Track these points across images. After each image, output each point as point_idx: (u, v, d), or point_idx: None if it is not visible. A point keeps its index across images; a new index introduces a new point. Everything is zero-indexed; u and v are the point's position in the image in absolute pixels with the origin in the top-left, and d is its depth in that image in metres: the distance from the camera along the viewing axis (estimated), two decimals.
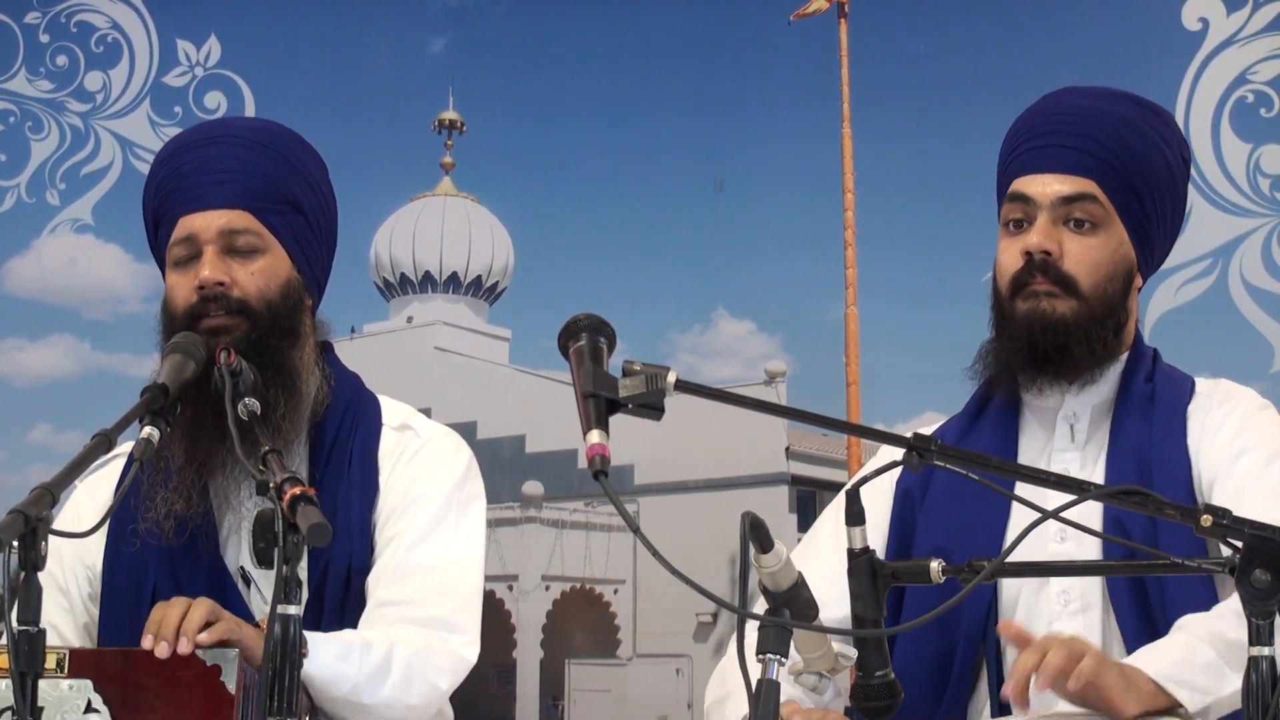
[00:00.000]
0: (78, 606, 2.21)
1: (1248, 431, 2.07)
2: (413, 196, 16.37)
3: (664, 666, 16.25)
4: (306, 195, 2.24)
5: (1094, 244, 2.12)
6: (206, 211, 2.16)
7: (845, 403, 12.48)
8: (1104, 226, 2.13)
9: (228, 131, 2.26)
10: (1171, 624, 1.91)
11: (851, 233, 11.74)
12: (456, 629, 2.13)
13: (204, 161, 2.19)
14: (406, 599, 2.11)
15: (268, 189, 2.19)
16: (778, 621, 1.50)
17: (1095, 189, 2.12)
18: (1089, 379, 2.14)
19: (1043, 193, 2.12)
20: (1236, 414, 2.10)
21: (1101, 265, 2.12)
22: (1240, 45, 5.78)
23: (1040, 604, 2.07)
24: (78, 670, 1.79)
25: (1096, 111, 2.17)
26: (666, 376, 1.48)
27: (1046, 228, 2.11)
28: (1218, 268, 5.72)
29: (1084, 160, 2.13)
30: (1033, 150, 2.17)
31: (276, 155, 2.22)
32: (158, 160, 2.28)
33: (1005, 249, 2.16)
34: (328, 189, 2.32)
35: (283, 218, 2.19)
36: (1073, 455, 2.15)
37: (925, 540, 2.13)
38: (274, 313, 2.15)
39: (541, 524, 17.55)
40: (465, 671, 2.14)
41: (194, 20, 6.60)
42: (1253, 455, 2.04)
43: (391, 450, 2.24)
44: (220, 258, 2.14)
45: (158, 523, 2.11)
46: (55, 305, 8.37)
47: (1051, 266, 2.10)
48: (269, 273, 2.16)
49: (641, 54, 9.94)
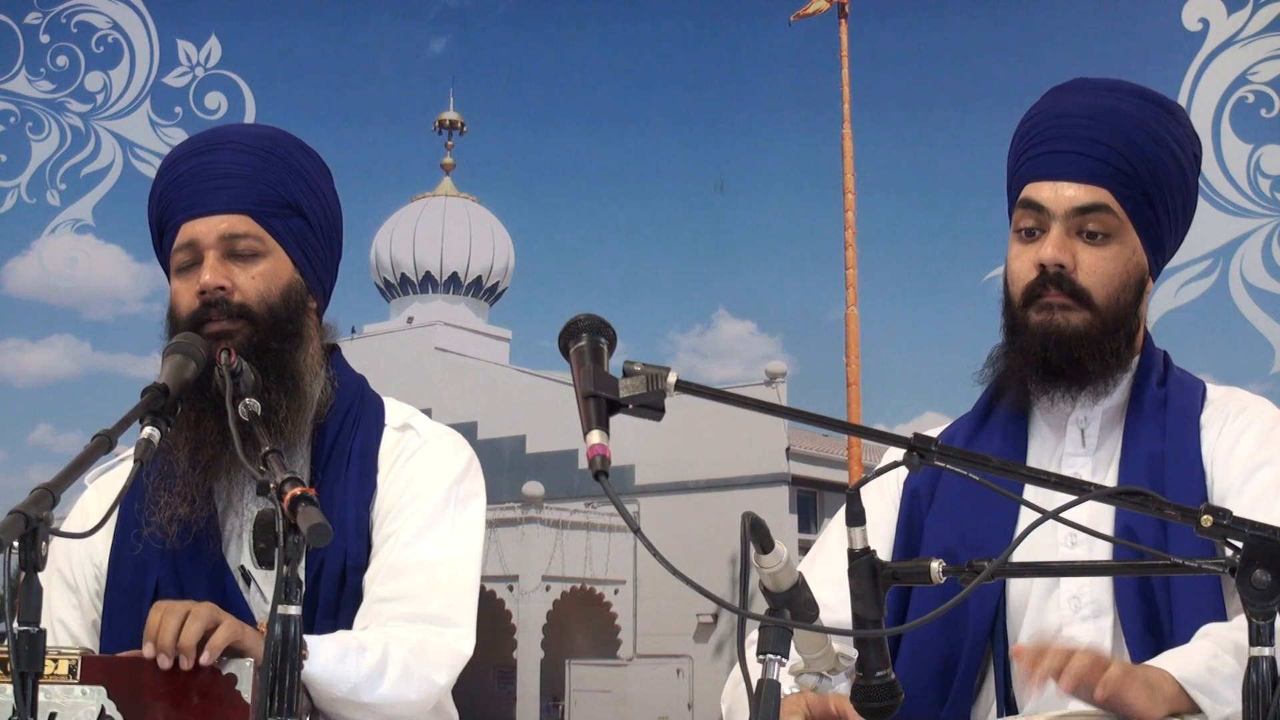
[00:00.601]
0: (86, 604, 2.22)
1: (1266, 446, 2.06)
2: (413, 197, 16.37)
3: (664, 667, 16.24)
4: (308, 199, 2.24)
5: (1108, 255, 2.11)
6: (207, 217, 2.17)
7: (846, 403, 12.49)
8: (1117, 236, 2.11)
9: (227, 138, 2.27)
10: (1177, 631, 1.91)
11: (852, 233, 11.74)
12: (451, 623, 2.15)
13: (204, 168, 2.21)
14: (401, 595, 2.12)
15: (268, 193, 2.20)
16: (778, 622, 1.50)
17: (1109, 198, 2.10)
18: (1100, 387, 2.13)
19: (1056, 202, 2.10)
20: (1255, 426, 2.09)
21: (1115, 276, 2.11)
22: (1241, 45, 5.78)
23: (1050, 609, 2.06)
24: (90, 677, 1.80)
25: (1107, 112, 2.14)
26: (667, 377, 1.48)
27: (1060, 239, 2.09)
28: (1218, 268, 5.72)
29: (1097, 168, 2.10)
30: (1045, 155, 2.14)
31: (276, 160, 2.23)
32: (161, 169, 2.30)
33: (1017, 256, 2.14)
34: (331, 193, 2.33)
35: (284, 221, 2.20)
36: (1084, 460, 2.14)
37: (933, 541, 2.12)
38: (275, 316, 2.15)
39: (542, 524, 17.54)
40: (461, 664, 2.15)
41: (194, 21, 6.60)
42: (1269, 470, 2.03)
43: (391, 450, 2.24)
44: (221, 262, 2.15)
45: (161, 527, 2.12)
46: (56, 306, 8.38)
47: (1065, 279, 2.09)
48: (270, 276, 2.17)
49: (641, 54, 9.94)
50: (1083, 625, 2.04)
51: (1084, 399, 2.13)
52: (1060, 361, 2.09)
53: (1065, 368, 2.10)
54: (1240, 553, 1.44)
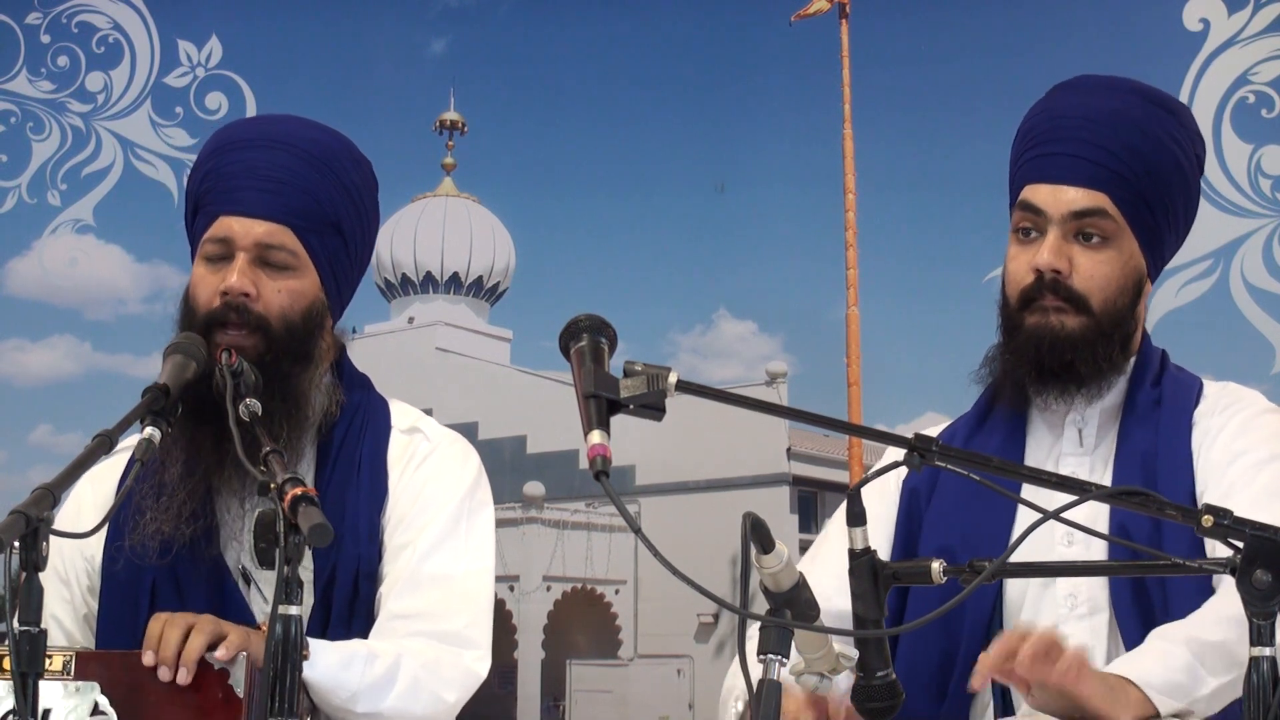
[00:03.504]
0: (78, 599, 2.21)
1: (1247, 434, 2.06)
2: (414, 197, 16.37)
3: (665, 667, 16.27)
4: (350, 218, 2.21)
5: (1104, 259, 2.10)
6: (247, 218, 2.13)
7: (846, 403, 12.48)
8: (1115, 240, 2.11)
9: (287, 139, 2.20)
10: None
11: (852, 233, 11.73)
12: (470, 644, 2.13)
13: (255, 164, 2.16)
14: (420, 612, 2.11)
15: (313, 208, 2.15)
16: (779, 622, 1.50)
17: (1107, 202, 2.10)
18: (1095, 388, 2.13)
19: (1053, 205, 2.10)
20: (1239, 417, 2.09)
21: (1112, 280, 2.10)
22: (1241, 46, 5.78)
23: (1046, 606, 2.07)
24: (84, 673, 1.80)
25: (1106, 114, 2.13)
26: (668, 377, 1.48)
27: (1057, 244, 2.09)
28: (1219, 268, 5.72)
29: (1095, 171, 2.10)
30: (1043, 157, 2.13)
31: (328, 172, 2.19)
32: (210, 148, 2.24)
33: (1014, 257, 2.14)
34: (373, 208, 2.29)
35: (321, 239, 2.16)
36: (1081, 460, 2.14)
37: (931, 541, 2.12)
38: (292, 335, 2.12)
39: (543, 525, 17.57)
40: (475, 686, 2.13)
41: (195, 21, 6.61)
42: (1248, 458, 2.03)
43: (400, 455, 2.23)
44: (251, 267, 2.11)
45: (144, 542, 2.10)
46: (56, 306, 8.39)
47: (1061, 284, 2.08)
48: (296, 292, 2.14)
49: (642, 55, 9.95)
50: (1079, 623, 2.04)
51: (1080, 400, 2.13)
52: (1054, 364, 2.10)
53: (1059, 370, 2.10)
54: (1241, 553, 1.45)
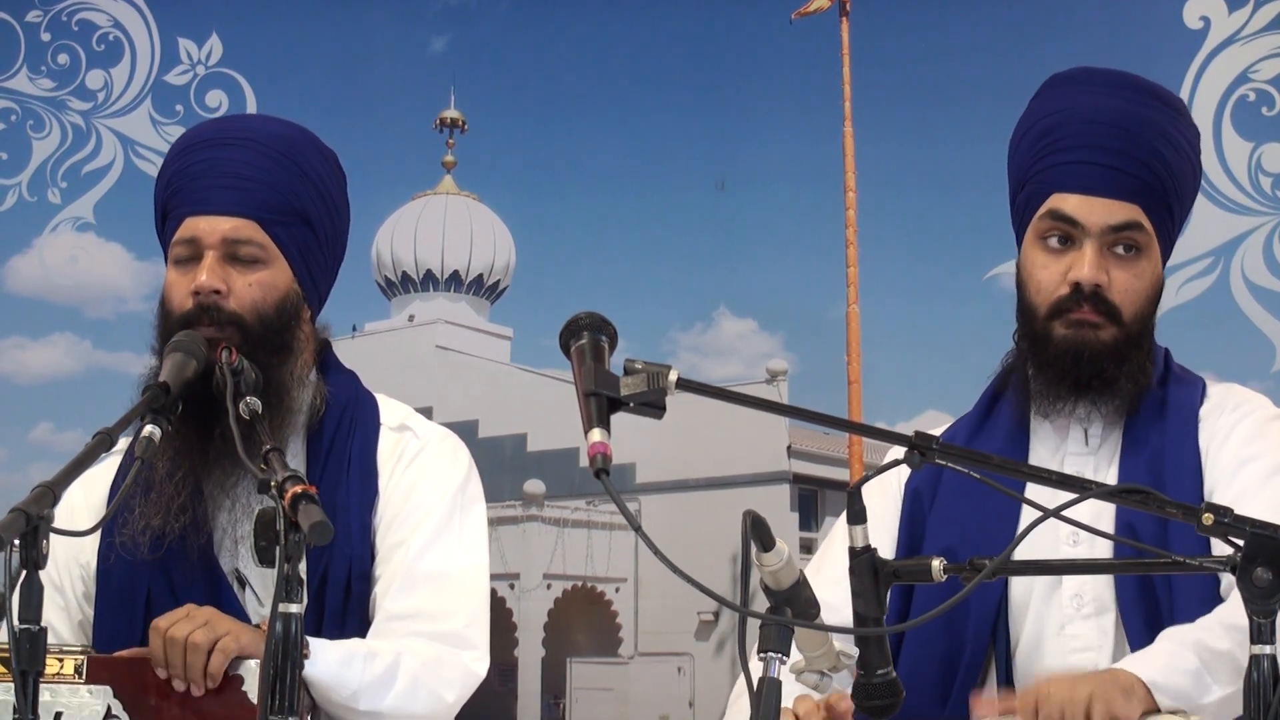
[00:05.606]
0: (72, 604, 2.20)
1: (1257, 440, 2.06)
2: (414, 195, 16.38)
3: (666, 665, 16.24)
4: (317, 207, 2.21)
5: (1138, 271, 2.10)
6: (212, 216, 2.14)
7: (847, 401, 12.49)
8: (1145, 251, 2.11)
9: (247, 134, 2.22)
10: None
11: (853, 231, 11.73)
12: (468, 644, 2.14)
13: (217, 163, 2.17)
14: (418, 612, 2.11)
15: (277, 200, 2.16)
16: (779, 620, 1.50)
17: (1140, 214, 2.10)
18: (1123, 398, 2.12)
19: (1089, 218, 2.08)
20: (1248, 421, 2.09)
21: (1144, 292, 2.11)
22: (1242, 44, 5.78)
23: (1052, 607, 2.06)
24: (96, 677, 1.80)
25: (1134, 120, 2.11)
26: (668, 375, 1.48)
27: (1096, 258, 2.07)
28: (1219, 266, 5.72)
29: (1130, 183, 2.09)
30: (1075, 165, 2.11)
31: (292, 165, 2.20)
32: (174, 151, 2.25)
33: (1045, 266, 2.11)
34: (342, 199, 2.30)
35: (289, 230, 2.17)
36: (1086, 459, 2.14)
37: (935, 540, 2.12)
38: (266, 327, 2.13)
39: (543, 522, 17.53)
40: (474, 686, 2.14)
41: (195, 18, 6.61)
42: (1258, 464, 2.03)
43: (390, 452, 2.22)
44: (220, 264, 2.12)
45: (134, 538, 2.10)
46: (56, 304, 8.37)
47: (1101, 298, 2.08)
48: (267, 285, 2.14)
49: (642, 53, 9.95)
50: (1085, 623, 2.04)
51: (1087, 398, 2.12)
52: (1090, 376, 2.08)
53: (1093, 382, 2.09)
54: (1241, 551, 1.45)
